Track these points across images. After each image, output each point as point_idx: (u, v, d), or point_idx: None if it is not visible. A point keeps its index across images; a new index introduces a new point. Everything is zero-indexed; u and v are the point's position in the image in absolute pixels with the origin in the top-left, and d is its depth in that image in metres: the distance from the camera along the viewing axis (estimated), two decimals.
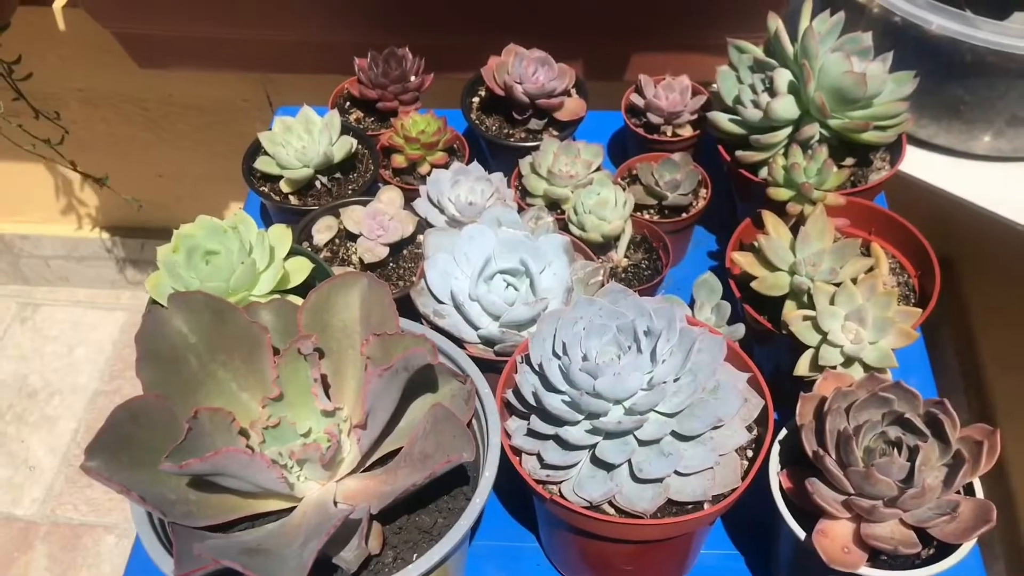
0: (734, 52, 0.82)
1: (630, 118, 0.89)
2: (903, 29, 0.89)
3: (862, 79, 0.73)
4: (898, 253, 0.76)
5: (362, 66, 0.87)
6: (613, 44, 1.04)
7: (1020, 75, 0.87)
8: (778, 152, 0.77)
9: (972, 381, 1.31)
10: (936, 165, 0.99)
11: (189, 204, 1.38)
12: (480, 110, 0.90)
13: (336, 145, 0.81)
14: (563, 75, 0.86)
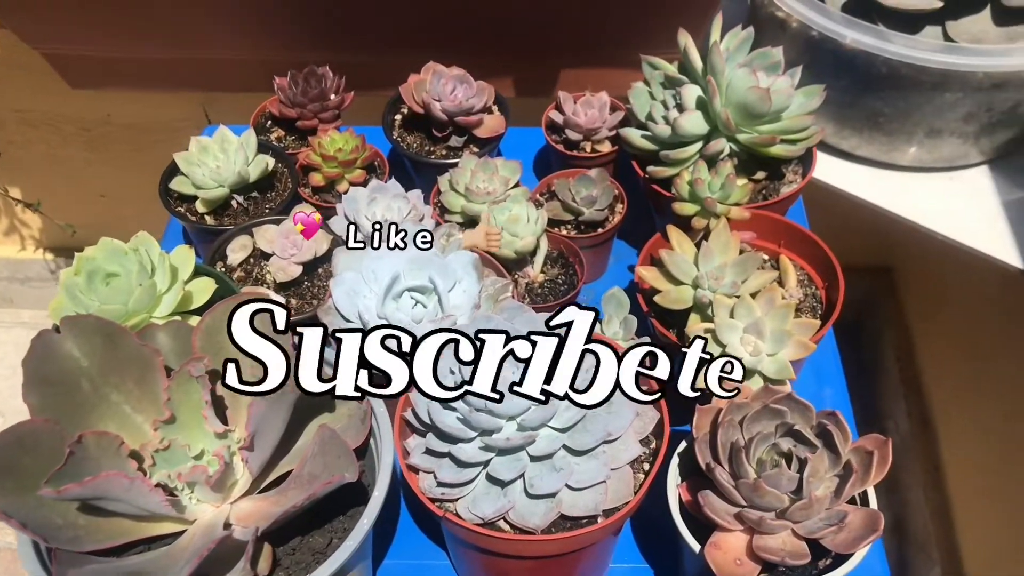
0: (647, 68, 0.83)
1: (550, 134, 0.90)
2: (820, 43, 0.90)
3: (766, 95, 0.74)
4: (806, 265, 0.76)
5: (282, 85, 0.87)
6: (539, 61, 1.05)
7: (934, 87, 0.89)
8: (688, 167, 0.78)
9: (912, 387, 1.33)
10: (860, 177, 1.00)
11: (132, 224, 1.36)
12: (402, 127, 0.91)
13: (252, 165, 0.81)
14: (482, 92, 0.87)
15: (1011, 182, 0.99)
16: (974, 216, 0.96)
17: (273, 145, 0.87)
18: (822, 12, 0.89)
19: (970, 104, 0.90)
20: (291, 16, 0.99)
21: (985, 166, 1.00)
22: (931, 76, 0.87)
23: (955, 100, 0.89)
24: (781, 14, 0.93)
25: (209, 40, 1.03)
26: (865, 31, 0.87)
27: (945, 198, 0.98)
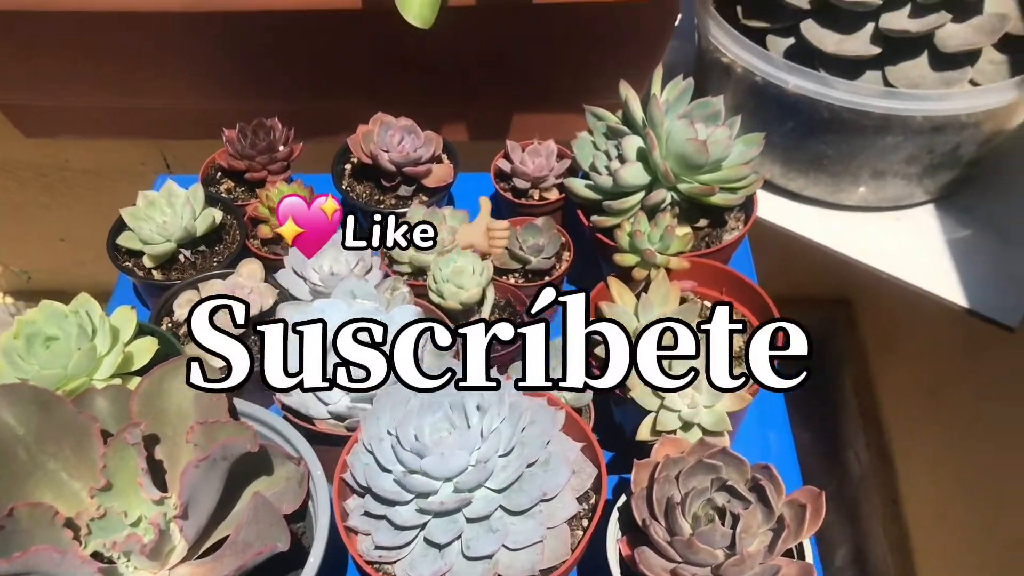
0: (591, 118, 0.84)
1: (498, 182, 0.91)
2: (764, 88, 0.92)
3: (703, 147, 0.75)
4: (748, 313, 0.77)
5: (230, 138, 0.88)
6: (491, 106, 1.06)
7: (876, 131, 0.90)
8: (629, 218, 0.79)
9: (870, 419, 1.34)
10: (808, 217, 1.02)
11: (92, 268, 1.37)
12: (352, 177, 0.92)
13: (199, 219, 0.82)
14: (429, 143, 0.88)
15: (955, 220, 1.01)
16: (920, 255, 0.98)
17: (222, 197, 0.87)
18: (765, 59, 0.91)
19: (911, 147, 0.92)
20: (243, 66, 0.99)
21: (931, 204, 1.02)
22: (873, 120, 0.89)
23: (897, 143, 0.91)
24: (726, 60, 0.94)
25: (163, 90, 1.04)
26: (807, 77, 0.89)
27: (892, 237, 1.00)
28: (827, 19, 0.90)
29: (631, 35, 0.94)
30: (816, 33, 0.90)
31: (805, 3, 0.90)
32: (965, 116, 0.88)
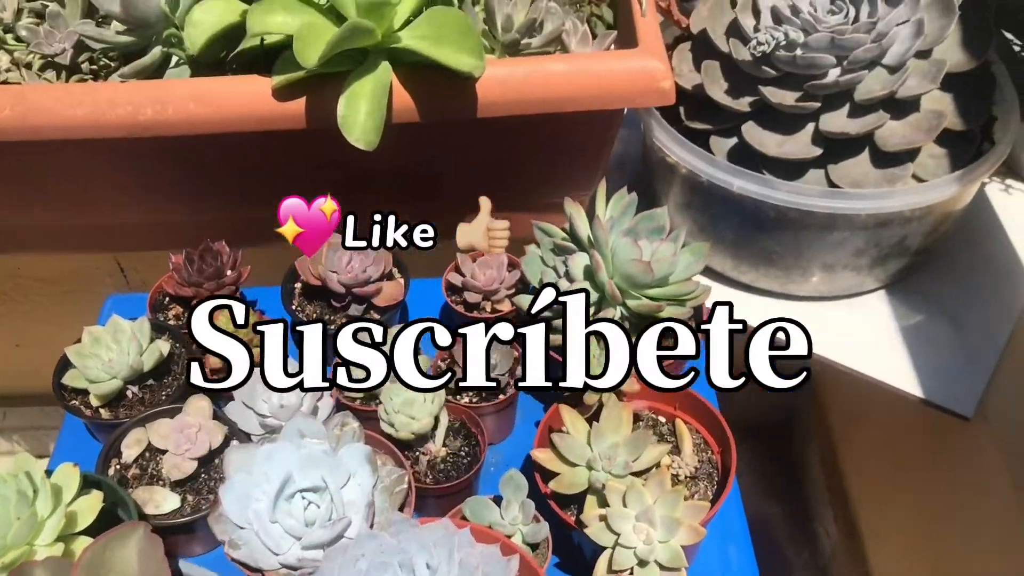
0: (539, 233, 0.84)
1: (450, 295, 0.90)
2: (710, 188, 0.92)
3: (647, 267, 0.75)
4: (702, 429, 0.77)
5: (177, 265, 0.87)
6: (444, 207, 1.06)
7: (822, 228, 0.91)
8: None
9: (837, 494, 1.34)
10: (761, 308, 1.02)
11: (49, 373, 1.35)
12: (302, 295, 0.91)
13: (146, 354, 0.81)
14: (379, 261, 0.87)
15: (908, 306, 1.01)
16: (874, 344, 0.99)
17: (169, 326, 0.87)
18: (708, 161, 0.92)
19: (858, 241, 0.92)
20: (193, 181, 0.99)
21: (883, 291, 1.03)
22: (818, 219, 0.90)
23: (843, 238, 0.92)
24: (671, 160, 0.95)
25: (115, 207, 1.03)
26: (751, 179, 0.90)
27: (845, 326, 1.00)
28: (768, 121, 0.91)
29: (576, 140, 0.95)
30: (757, 136, 0.91)
31: (745, 106, 0.91)
32: (909, 211, 0.89)
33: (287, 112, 0.86)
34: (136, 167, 0.96)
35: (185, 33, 0.88)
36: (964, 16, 0.89)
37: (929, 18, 0.88)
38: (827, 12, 0.89)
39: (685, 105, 0.97)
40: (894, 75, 0.88)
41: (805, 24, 0.88)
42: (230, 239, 1.08)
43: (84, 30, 0.89)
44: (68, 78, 0.95)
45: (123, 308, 0.99)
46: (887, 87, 0.87)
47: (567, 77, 0.85)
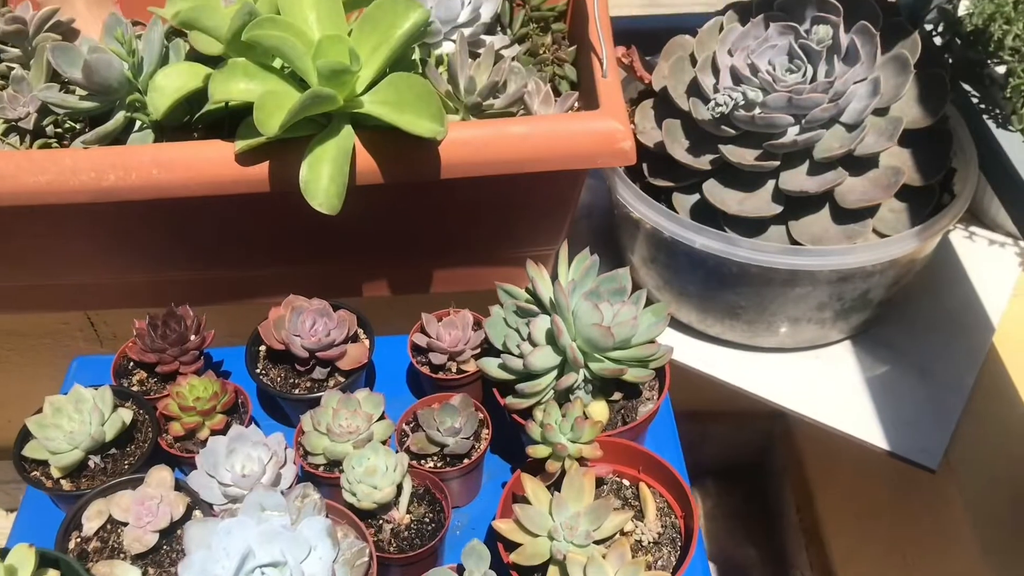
0: (502, 294, 0.85)
1: (415, 356, 0.90)
2: (673, 244, 0.93)
3: (608, 332, 0.75)
4: (665, 492, 0.77)
5: (140, 331, 0.87)
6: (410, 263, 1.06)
7: (784, 283, 0.92)
8: (542, 401, 0.79)
9: (812, 536, 1.34)
10: (728, 360, 1.03)
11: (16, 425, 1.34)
12: (267, 359, 0.91)
13: (108, 424, 0.80)
14: (343, 324, 0.87)
15: (873, 357, 1.02)
16: (840, 395, 0.99)
17: (133, 392, 0.86)
18: (671, 218, 0.92)
19: (821, 295, 0.93)
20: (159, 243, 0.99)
21: (848, 341, 1.04)
22: (780, 274, 0.91)
23: (806, 293, 0.93)
24: (635, 215, 0.96)
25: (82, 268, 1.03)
26: (713, 236, 0.90)
27: (812, 377, 1.01)
28: (728, 178, 0.92)
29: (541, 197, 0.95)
30: (718, 193, 0.92)
31: (706, 164, 0.92)
32: (871, 266, 0.90)
33: (250, 176, 0.86)
34: (102, 229, 0.96)
35: (148, 98, 0.89)
36: (920, 74, 0.91)
37: (885, 76, 0.89)
38: (785, 71, 0.90)
39: (648, 161, 0.98)
40: (852, 133, 0.89)
41: (763, 83, 0.89)
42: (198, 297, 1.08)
43: (47, 96, 0.89)
44: (32, 142, 0.95)
45: (88, 370, 0.99)
46: (845, 145, 0.88)
47: (528, 139, 0.86)
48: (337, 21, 0.87)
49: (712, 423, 1.51)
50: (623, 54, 1.03)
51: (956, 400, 0.98)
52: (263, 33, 0.81)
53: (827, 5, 0.90)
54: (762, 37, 0.92)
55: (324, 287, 1.09)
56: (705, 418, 1.50)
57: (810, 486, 1.36)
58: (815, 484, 1.36)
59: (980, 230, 1.13)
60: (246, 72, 0.85)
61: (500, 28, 1.05)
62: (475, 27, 0.99)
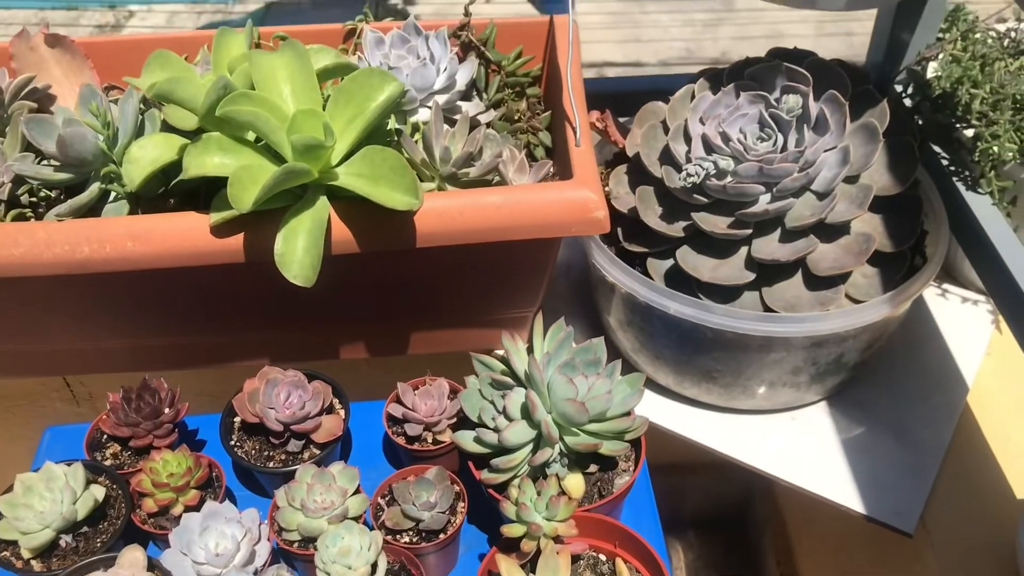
0: (478, 365, 0.85)
1: (391, 427, 0.90)
2: (648, 308, 0.93)
3: (583, 407, 0.75)
4: (641, 567, 0.77)
5: (114, 404, 0.87)
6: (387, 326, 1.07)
7: (759, 349, 0.93)
8: (517, 477, 0.79)
9: None
10: (705, 422, 1.04)
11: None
12: (241, 430, 0.90)
13: (79, 502, 0.80)
14: (317, 396, 0.87)
15: (849, 419, 1.03)
16: (817, 458, 1.00)
17: (106, 467, 0.85)
18: (645, 284, 0.93)
19: (796, 360, 0.94)
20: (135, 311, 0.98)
21: (824, 403, 1.04)
22: (755, 340, 0.91)
23: (781, 358, 0.93)
24: (610, 279, 0.96)
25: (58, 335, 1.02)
26: (687, 303, 0.91)
27: (788, 439, 1.01)
28: (701, 245, 0.93)
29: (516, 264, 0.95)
30: (691, 260, 0.92)
31: (679, 231, 0.93)
32: (844, 332, 0.91)
33: (225, 248, 0.86)
34: (78, 298, 0.96)
35: (124, 169, 0.89)
36: (889, 141, 0.92)
37: (855, 145, 0.90)
38: (756, 139, 0.91)
39: (622, 226, 0.99)
40: (823, 201, 0.90)
41: (735, 152, 0.90)
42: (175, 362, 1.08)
43: (22, 168, 0.89)
44: (7, 212, 0.95)
45: (62, 440, 0.98)
46: (816, 213, 0.89)
47: (503, 209, 0.87)
48: (312, 95, 0.87)
49: (692, 475, 1.51)
50: (597, 118, 1.04)
51: (931, 462, 0.99)
52: (237, 109, 0.81)
53: (797, 75, 0.91)
54: (733, 106, 0.93)
55: (301, 350, 1.09)
56: (685, 470, 1.50)
57: (790, 540, 1.36)
58: (795, 538, 1.36)
59: (953, 287, 1.14)
60: (220, 146, 0.85)
61: (476, 92, 1.06)
62: (451, 94, 1.00)
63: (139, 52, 1.03)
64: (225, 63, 0.93)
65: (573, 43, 0.95)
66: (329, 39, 1.07)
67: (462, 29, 1.05)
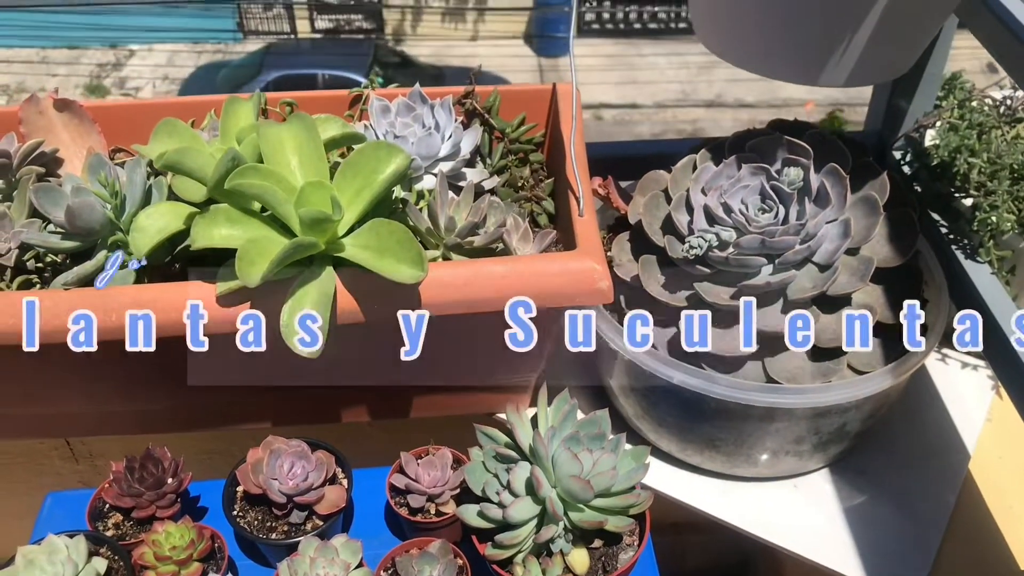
0: (482, 437, 0.85)
1: (394, 497, 0.90)
2: (651, 377, 0.94)
3: (587, 486, 0.76)
4: None
5: (117, 475, 0.86)
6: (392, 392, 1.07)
7: (762, 419, 0.93)
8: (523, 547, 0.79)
9: None
10: (707, 489, 1.03)
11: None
12: (244, 500, 0.90)
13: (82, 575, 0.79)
14: (321, 467, 0.87)
15: (851, 486, 1.03)
16: (819, 526, 1.00)
17: (107, 538, 0.85)
18: (649, 353, 0.93)
19: (798, 430, 0.94)
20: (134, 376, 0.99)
21: (826, 470, 1.04)
22: (757, 410, 0.91)
23: (783, 427, 0.93)
24: (614, 347, 0.96)
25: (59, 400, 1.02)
26: (690, 373, 0.91)
27: (790, 507, 1.01)
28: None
29: None
30: None
31: (682, 300, 0.94)
32: (846, 402, 0.91)
33: (231, 318, 0.86)
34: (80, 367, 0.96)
35: (131, 238, 0.90)
36: (889, 214, 0.93)
37: (856, 217, 0.91)
38: (758, 211, 0.92)
39: (625, 293, 0.99)
40: (824, 273, 0.90)
41: (737, 223, 0.91)
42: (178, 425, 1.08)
43: (28, 237, 0.90)
44: (13, 278, 0.95)
45: (63, 507, 0.98)
46: (818, 286, 0.89)
47: (507, 279, 0.87)
48: (319, 165, 0.88)
49: (692, 534, 1.50)
50: (599, 184, 1.06)
51: (934, 530, 0.99)
52: (246, 183, 0.82)
53: (797, 147, 0.92)
54: (735, 177, 0.94)
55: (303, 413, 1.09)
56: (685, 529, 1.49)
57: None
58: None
59: (953, 353, 1.15)
60: (228, 217, 0.86)
61: (480, 158, 1.08)
62: (455, 161, 1.01)
63: (146, 116, 1.05)
64: (233, 133, 0.94)
65: (577, 115, 0.96)
66: (335, 106, 1.09)
67: (466, 97, 1.06)
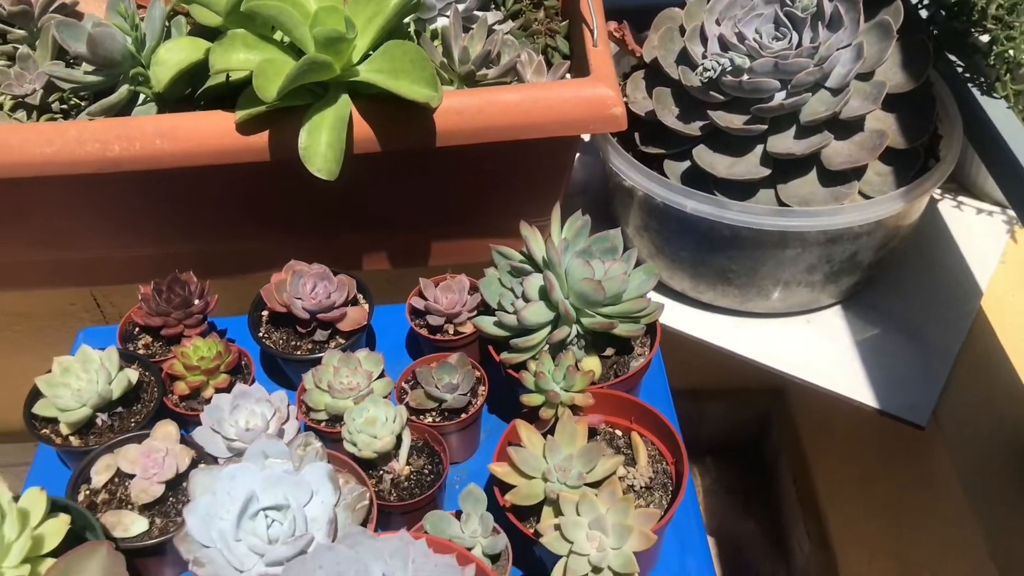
0: (497, 256, 0.87)
1: (413, 319, 0.93)
2: (665, 210, 0.95)
3: (599, 286, 0.78)
4: (657, 441, 0.79)
5: (145, 295, 0.89)
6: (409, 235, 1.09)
7: (775, 245, 0.94)
8: (535, 355, 0.81)
9: (809, 508, 1.36)
10: (721, 325, 1.05)
11: None
12: (269, 323, 0.93)
13: (114, 382, 0.83)
14: (342, 287, 0.90)
15: (863, 320, 1.04)
16: (831, 358, 1.01)
17: (138, 355, 0.88)
18: (662, 184, 0.94)
19: (810, 257, 0.95)
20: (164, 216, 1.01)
21: (838, 306, 1.06)
22: (770, 236, 0.93)
23: (796, 255, 0.95)
24: (627, 184, 0.98)
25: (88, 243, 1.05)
26: (703, 200, 0.92)
27: (803, 342, 1.03)
28: (718, 144, 0.94)
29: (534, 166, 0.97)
30: (708, 158, 0.94)
31: (696, 130, 0.95)
32: (858, 227, 0.92)
33: (251, 145, 0.88)
34: (107, 202, 0.99)
35: (151, 71, 0.92)
36: (902, 40, 0.93)
37: (869, 42, 0.91)
38: (771, 38, 0.93)
39: (640, 130, 1.00)
40: (837, 97, 0.91)
41: (750, 50, 0.91)
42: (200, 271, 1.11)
43: (53, 71, 0.92)
44: (39, 118, 0.97)
45: (95, 339, 1.01)
46: (830, 108, 0.90)
47: (521, 106, 0.89)
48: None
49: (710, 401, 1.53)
50: (615, 28, 1.06)
51: (944, 360, 1.00)
52: (261, 4, 0.83)
53: None
54: (748, 6, 0.94)
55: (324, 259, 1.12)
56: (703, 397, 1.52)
57: (807, 459, 1.38)
58: (812, 457, 1.38)
59: (968, 200, 1.15)
60: (245, 43, 0.87)
61: (493, 4, 1.08)
62: (469, 2, 1.02)
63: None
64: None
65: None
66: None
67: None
